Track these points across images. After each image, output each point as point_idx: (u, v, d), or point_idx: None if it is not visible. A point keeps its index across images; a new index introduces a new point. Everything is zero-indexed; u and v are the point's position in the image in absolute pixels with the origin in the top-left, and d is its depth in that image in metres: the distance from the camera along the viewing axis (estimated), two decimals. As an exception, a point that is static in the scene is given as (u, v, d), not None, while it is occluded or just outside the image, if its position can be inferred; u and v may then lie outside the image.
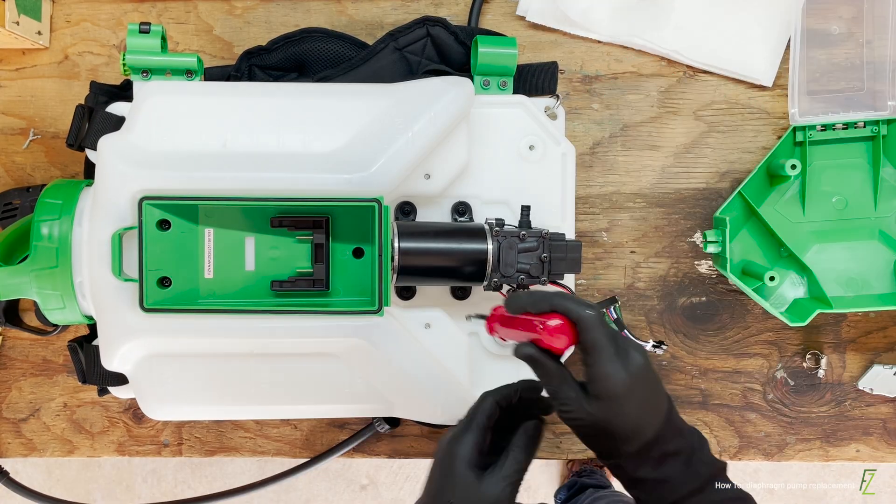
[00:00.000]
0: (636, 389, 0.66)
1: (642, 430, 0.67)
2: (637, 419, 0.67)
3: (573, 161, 0.90)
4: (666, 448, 0.67)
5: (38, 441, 1.04)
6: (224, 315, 0.81)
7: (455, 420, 0.89)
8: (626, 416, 0.66)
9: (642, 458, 0.68)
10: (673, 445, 0.68)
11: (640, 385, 0.66)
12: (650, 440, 0.67)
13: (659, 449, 0.67)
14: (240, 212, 0.81)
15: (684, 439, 0.69)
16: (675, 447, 0.68)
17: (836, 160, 0.98)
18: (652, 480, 0.68)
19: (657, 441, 0.67)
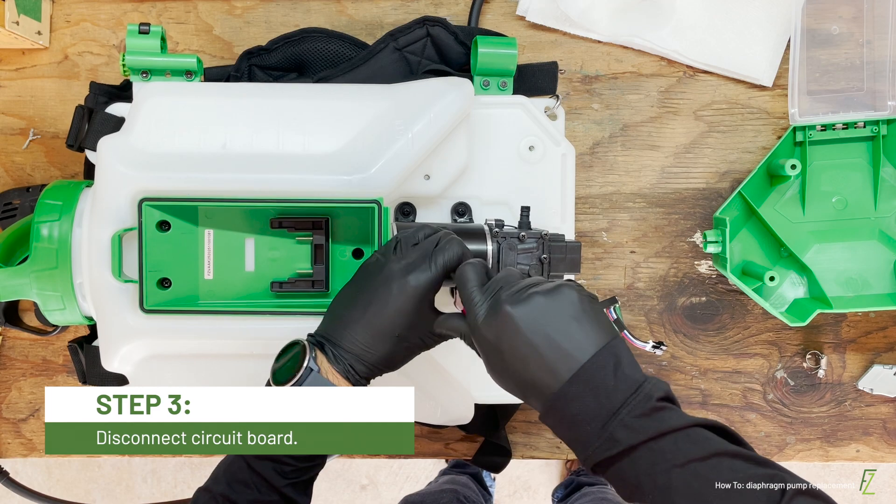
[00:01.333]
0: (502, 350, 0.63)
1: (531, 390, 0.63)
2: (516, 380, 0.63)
3: (573, 161, 0.90)
4: (569, 410, 0.60)
5: (38, 441, 1.04)
6: (224, 316, 0.81)
7: (454, 421, 0.89)
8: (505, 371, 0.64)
9: (553, 417, 0.62)
10: (577, 407, 0.60)
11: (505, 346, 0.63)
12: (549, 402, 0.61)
13: (560, 411, 0.61)
14: (240, 213, 0.81)
15: (597, 400, 0.59)
16: (580, 408, 0.60)
17: (836, 160, 0.98)
18: (570, 440, 0.62)
19: (557, 404, 0.61)
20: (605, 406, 0.59)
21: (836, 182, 0.98)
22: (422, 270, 0.69)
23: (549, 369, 0.61)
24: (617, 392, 0.60)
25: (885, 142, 0.96)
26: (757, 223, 0.98)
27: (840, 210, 0.97)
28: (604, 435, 0.59)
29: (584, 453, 0.60)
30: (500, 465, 1.01)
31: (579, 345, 0.62)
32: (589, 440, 0.59)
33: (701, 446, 0.58)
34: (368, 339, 0.70)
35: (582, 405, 0.60)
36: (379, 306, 0.70)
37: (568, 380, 0.60)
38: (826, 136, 0.96)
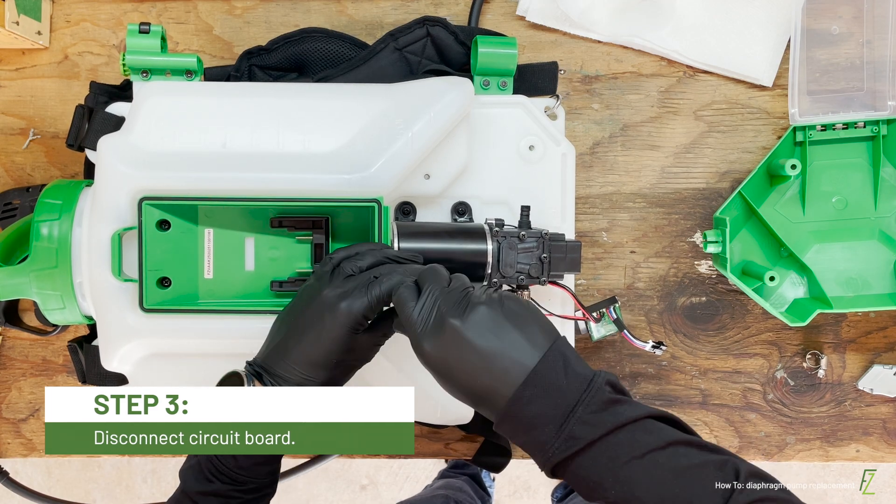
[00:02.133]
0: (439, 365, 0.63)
1: (484, 395, 0.62)
2: (465, 388, 0.63)
3: (573, 161, 0.90)
4: (524, 413, 0.60)
5: (38, 441, 1.04)
6: (224, 315, 0.81)
7: (454, 421, 0.89)
8: (456, 384, 0.64)
9: (509, 425, 0.62)
10: (534, 409, 0.60)
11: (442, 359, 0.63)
12: (505, 407, 0.61)
13: (519, 414, 0.61)
14: (239, 212, 0.81)
15: (551, 400, 0.60)
16: (536, 410, 0.60)
17: (836, 160, 0.97)
18: (528, 444, 0.61)
19: (515, 405, 0.61)
20: (561, 405, 0.60)
21: (836, 182, 0.98)
22: (355, 298, 0.68)
23: (500, 377, 0.61)
24: (570, 390, 0.60)
25: (885, 142, 0.96)
26: (757, 223, 0.98)
27: (840, 210, 0.97)
28: (562, 434, 0.59)
29: (543, 455, 0.60)
30: (500, 465, 1.01)
31: (527, 349, 0.62)
32: (547, 441, 0.60)
33: (657, 436, 0.59)
34: (307, 367, 0.69)
35: (538, 407, 0.60)
36: (314, 336, 0.69)
37: (521, 384, 0.61)
38: (826, 136, 0.96)
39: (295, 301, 0.73)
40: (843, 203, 0.98)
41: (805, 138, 0.96)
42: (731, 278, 0.94)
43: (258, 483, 0.70)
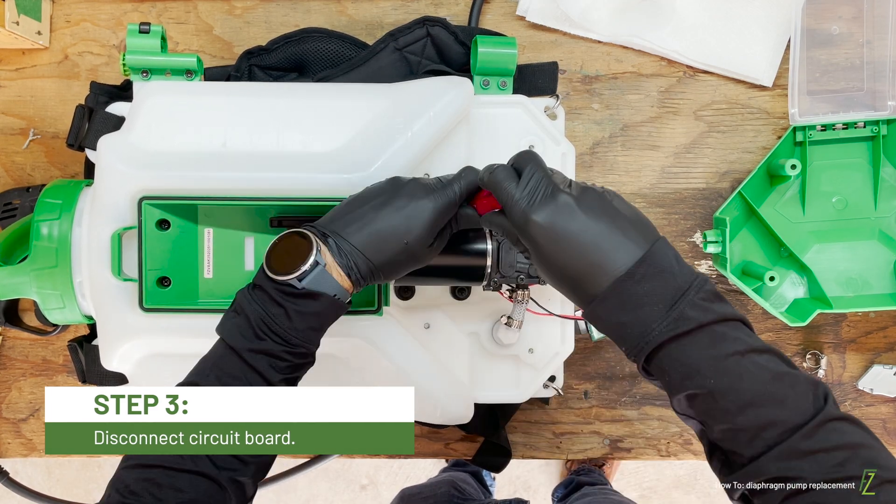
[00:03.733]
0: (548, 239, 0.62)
1: (593, 276, 0.61)
2: (569, 265, 0.62)
3: (573, 161, 0.90)
4: (641, 288, 0.60)
5: (38, 441, 1.04)
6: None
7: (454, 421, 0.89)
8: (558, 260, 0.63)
9: (611, 302, 0.61)
10: (650, 285, 0.60)
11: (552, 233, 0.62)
12: (616, 282, 0.61)
13: (631, 290, 0.60)
14: (239, 212, 0.81)
15: (670, 281, 0.60)
16: (652, 286, 0.60)
17: (836, 160, 0.98)
18: (628, 324, 0.61)
19: (627, 283, 0.60)
20: (673, 287, 0.60)
21: (836, 182, 0.98)
22: (442, 194, 0.70)
23: (610, 254, 0.61)
24: (681, 276, 0.61)
25: (885, 142, 0.96)
26: (757, 223, 0.98)
27: (840, 210, 0.97)
28: (672, 314, 0.59)
29: (645, 336, 0.60)
30: (500, 465, 1.01)
31: (637, 235, 0.62)
32: (653, 321, 0.60)
33: (758, 340, 0.60)
34: (377, 238, 0.69)
35: (650, 285, 0.60)
36: (393, 210, 0.69)
37: (637, 260, 0.61)
38: (826, 136, 0.96)
39: (372, 186, 0.73)
40: (843, 203, 0.98)
41: (805, 138, 0.96)
42: (731, 278, 0.94)
43: (307, 348, 0.68)
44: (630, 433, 1.02)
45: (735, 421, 0.57)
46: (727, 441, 0.59)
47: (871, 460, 0.54)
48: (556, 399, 1.01)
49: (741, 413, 0.57)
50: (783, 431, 0.56)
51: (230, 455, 0.66)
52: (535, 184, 0.64)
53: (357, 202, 0.72)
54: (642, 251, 0.61)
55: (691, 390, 0.59)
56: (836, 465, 0.54)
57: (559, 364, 0.93)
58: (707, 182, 1.01)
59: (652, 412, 1.02)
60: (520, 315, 0.86)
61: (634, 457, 1.03)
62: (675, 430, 1.02)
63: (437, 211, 0.70)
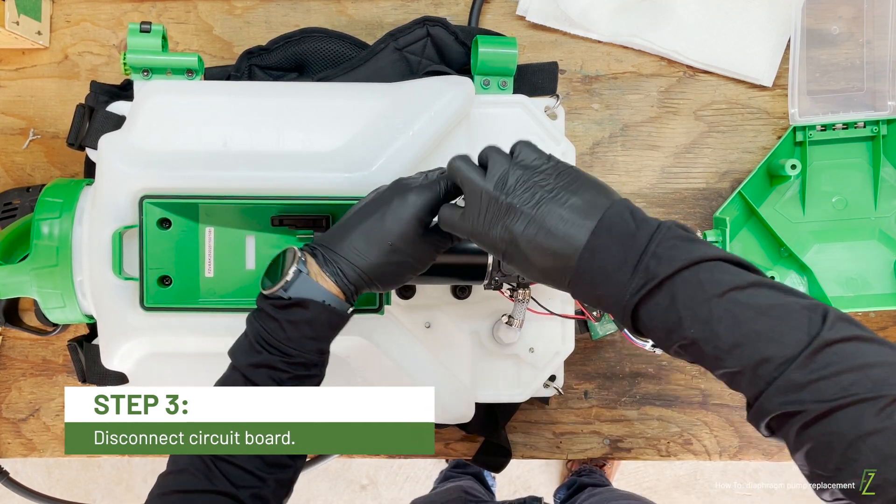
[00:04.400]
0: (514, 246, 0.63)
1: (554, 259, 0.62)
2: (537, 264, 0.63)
3: (573, 160, 0.90)
4: (597, 262, 0.59)
5: (38, 441, 1.03)
6: (224, 314, 0.81)
7: (454, 421, 0.89)
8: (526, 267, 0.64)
9: (583, 276, 0.61)
10: (605, 256, 0.59)
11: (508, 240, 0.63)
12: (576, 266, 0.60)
13: (591, 266, 0.60)
14: (240, 211, 0.81)
15: (629, 242, 0.59)
16: (609, 255, 0.59)
17: (836, 160, 0.98)
18: (604, 296, 0.60)
19: (585, 258, 0.60)
20: (632, 247, 0.59)
21: (836, 182, 0.98)
22: (424, 189, 0.70)
23: (568, 236, 0.61)
24: (641, 232, 0.59)
25: (885, 142, 0.96)
26: (757, 223, 0.98)
27: (840, 210, 0.98)
28: (638, 273, 0.58)
29: (620, 303, 0.59)
30: (500, 465, 1.01)
31: (592, 205, 0.61)
32: (623, 286, 0.59)
33: (736, 276, 0.57)
34: (361, 244, 0.69)
35: (608, 253, 0.59)
36: (375, 214, 0.70)
37: (589, 235, 0.60)
38: (826, 136, 0.97)
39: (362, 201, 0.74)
40: (843, 203, 0.98)
41: (805, 138, 0.96)
42: (731, 278, 0.94)
43: (306, 359, 0.69)
44: (630, 433, 1.02)
45: (726, 365, 0.56)
46: (731, 384, 0.57)
47: (881, 380, 0.51)
48: (556, 399, 1.01)
49: (729, 356, 0.55)
50: (778, 366, 0.53)
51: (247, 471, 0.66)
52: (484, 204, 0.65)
53: (348, 214, 0.72)
54: (593, 223, 0.60)
55: (677, 343, 0.58)
56: (841, 390, 0.51)
57: (559, 363, 0.93)
58: (707, 182, 1.01)
59: (652, 412, 1.02)
60: (520, 314, 0.86)
61: (634, 457, 1.03)
62: (675, 430, 1.02)
63: (419, 208, 0.69)
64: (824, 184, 0.98)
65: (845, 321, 0.54)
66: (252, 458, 0.67)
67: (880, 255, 0.97)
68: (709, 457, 1.04)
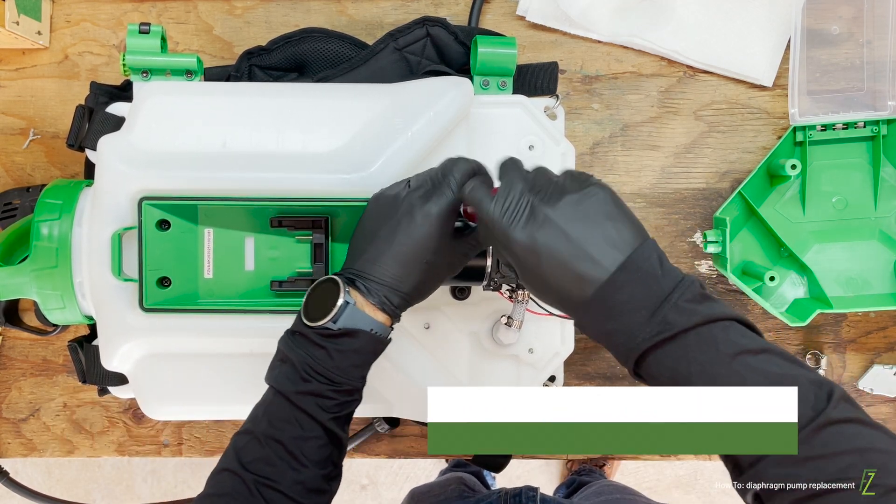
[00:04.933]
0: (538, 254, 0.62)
1: (571, 289, 0.62)
2: (553, 279, 0.62)
3: (573, 161, 0.90)
4: (619, 297, 0.60)
5: (38, 441, 1.04)
6: (224, 315, 0.81)
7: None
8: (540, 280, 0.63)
9: (594, 312, 0.61)
10: (629, 292, 0.60)
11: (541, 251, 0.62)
12: (597, 291, 0.60)
13: (610, 299, 0.60)
14: (239, 212, 0.81)
15: (653, 286, 0.59)
16: (631, 293, 0.59)
17: (836, 160, 0.98)
18: (614, 332, 0.61)
19: (605, 292, 0.60)
20: (655, 292, 0.59)
21: (836, 182, 0.98)
22: (440, 195, 0.70)
23: (591, 264, 0.61)
24: (665, 280, 0.60)
25: (885, 142, 0.96)
26: (757, 223, 0.98)
27: (840, 210, 0.97)
28: (655, 319, 0.58)
29: (630, 343, 0.60)
30: (500, 465, 1.00)
31: (619, 239, 0.61)
32: (638, 327, 0.59)
33: (751, 340, 0.58)
34: (399, 269, 0.70)
35: (632, 292, 0.59)
36: (404, 236, 0.70)
37: (617, 268, 0.60)
38: (826, 136, 0.96)
39: (372, 213, 0.74)
40: (843, 203, 0.98)
41: (805, 138, 0.96)
42: (731, 278, 0.94)
43: (352, 385, 0.70)
44: (630, 433, 1.02)
45: None
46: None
47: (878, 466, 0.51)
48: (556, 399, 1.01)
49: None
50: None
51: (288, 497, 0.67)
52: (513, 200, 0.64)
53: (368, 236, 0.72)
54: (623, 256, 0.60)
55: None
56: (839, 471, 0.52)
57: (559, 364, 0.93)
58: (707, 182, 1.01)
59: (652, 412, 1.02)
60: (520, 315, 0.86)
61: (634, 456, 1.03)
62: (675, 430, 1.02)
63: (444, 217, 0.70)
64: (824, 184, 0.98)
65: (848, 402, 0.55)
66: (294, 485, 0.67)
67: (880, 255, 0.97)
68: (709, 457, 1.04)
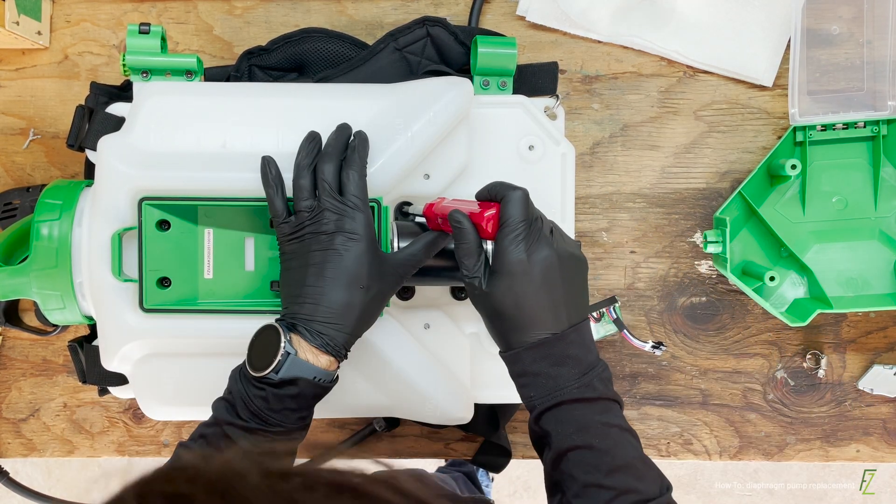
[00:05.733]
0: (533, 276, 0.68)
1: (539, 322, 0.69)
2: (532, 307, 0.68)
3: (573, 161, 0.90)
4: (568, 351, 0.69)
5: (38, 441, 1.04)
6: (224, 315, 0.81)
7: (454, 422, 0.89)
8: (520, 300, 0.68)
9: (541, 352, 0.69)
10: (575, 351, 0.69)
11: (537, 273, 0.68)
12: (550, 338, 0.68)
13: (561, 349, 0.69)
14: (239, 212, 0.81)
15: (589, 354, 0.70)
16: (576, 353, 0.69)
17: (836, 160, 0.97)
18: (545, 375, 0.68)
19: (560, 341, 0.69)
20: (587, 360, 0.69)
21: (836, 182, 0.98)
22: (350, 216, 0.72)
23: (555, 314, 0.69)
24: (593, 354, 0.71)
25: (885, 142, 0.96)
26: (757, 223, 0.98)
27: (840, 210, 0.97)
28: (584, 380, 0.68)
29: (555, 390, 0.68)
30: (500, 465, 1.01)
31: (579, 305, 0.72)
32: (568, 380, 0.68)
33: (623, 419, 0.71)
34: (337, 303, 0.71)
35: (575, 351, 0.69)
36: (334, 267, 0.71)
37: (571, 326, 0.70)
38: (826, 136, 0.96)
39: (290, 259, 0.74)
40: (843, 203, 0.98)
41: (805, 138, 0.96)
42: (731, 278, 0.94)
43: (287, 428, 0.72)
44: (630, 433, 1.02)
45: (603, 479, 0.65)
46: (586, 494, 0.66)
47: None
48: (556, 399, 1.01)
49: (611, 474, 0.65)
50: (638, 500, 0.64)
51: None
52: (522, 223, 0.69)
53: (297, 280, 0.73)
54: (577, 321, 0.70)
55: (577, 443, 0.67)
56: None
57: (559, 364, 0.92)
58: (707, 182, 1.01)
59: (652, 412, 1.02)
60: (520, 315, 0.86)
61: (634, 457, 1.03)
62: (675, 430, 1.02)
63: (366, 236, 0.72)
64: (824, 184, 0.98)
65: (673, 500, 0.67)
66: None
67: (880, 255, 0.97)
68: (709, 457, 1.04)
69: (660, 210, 1.01)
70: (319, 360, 0.71)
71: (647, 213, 1.01)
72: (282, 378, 0.69)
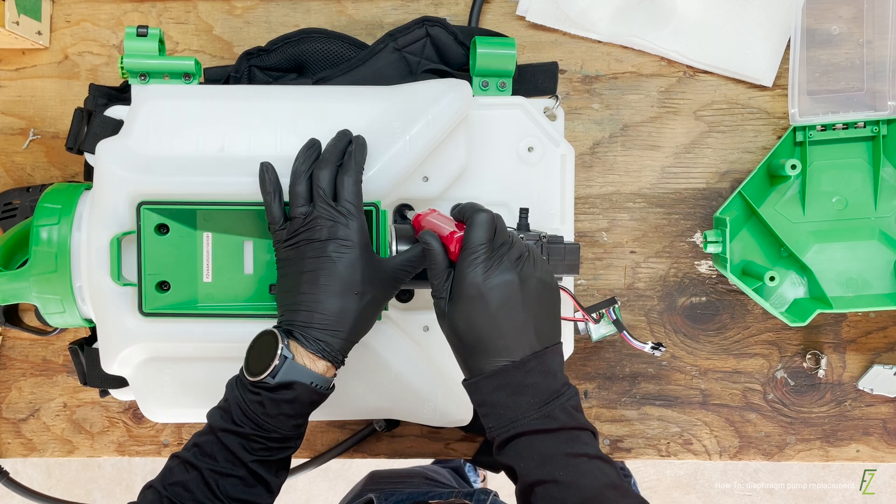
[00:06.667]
0: (489, 301, 0.66)
1: (497, 349, 0.67)
2: (489, 334, 0.67)
3: (572, 162, 0.90)
4: (527, 380, 0.66)
5: (38, 441, 1.04)
6: (223, 319, 0.81)
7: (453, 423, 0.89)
8: (475, 325, 0.67)
9: (499, 380, 0.67)
10: (535, 379, 0.67)
11: (495, 298, 0.66)
12: (509, 366, 0.66)
13: (520, 378, 0.66)
14: (238, 216, 0.81)
15: (554, 382, 0.67)
16: (536, 381, 0.67)
17: (836, 160, 0.97)
18: (502, 405, 0.67)
19: (518, 370, 0.66)
20: (550, 388, 0.67)
21: (836, 182, 0.97)
22: (343, 222, 0.72)
23: (514, 341, 0.67)
24: (559, 381, 0.68)
25: (885, 142, 0.96)
26: (757, 223, 0.97)
27: (840, 210, 0.97)
28: (544, 410, 0.66)
29: (515, 420, 0.66)
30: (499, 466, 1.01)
31: (544, 332, 0.69)
32: (528, 410, 0.66)
33: (599, 450, 0.68)
34: (332, 310, 0.71)
35: (535, 380, 0.67)
36: (327, 274, 0.71)
37: (531, 355, 0.67)
38: (826, 136, 0.96)
39: (285, 266, 0.74)
40: (843, 203, 0.97)
41: (805, 138, 0.96)
42: (731, 278, 0.94)
43: (282, 434, 0.71)
44: (630, 433, 1.02)
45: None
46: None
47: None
48: (555, 399, 1.01)
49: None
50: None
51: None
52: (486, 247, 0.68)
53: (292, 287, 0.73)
54: (540, 348, 0.68)
55: (541, 477, 0.65)
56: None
57: (559, 365, 0.92)
58: (707, 182, 1.01)
59: (652, 412, 1.02)
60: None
61: (634, 457, 1.03)
62: (675, 431, 1.02)
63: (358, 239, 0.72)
64: (824, 184, 0.97)
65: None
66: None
67: (880, 255, 0.97)
68: (709, 457, 1.04)
69: (660, 210, 1.01)
70: (317, 365, 0.71)
71: (647, 213, 1.01)
72: (279, 382, 0.69)
